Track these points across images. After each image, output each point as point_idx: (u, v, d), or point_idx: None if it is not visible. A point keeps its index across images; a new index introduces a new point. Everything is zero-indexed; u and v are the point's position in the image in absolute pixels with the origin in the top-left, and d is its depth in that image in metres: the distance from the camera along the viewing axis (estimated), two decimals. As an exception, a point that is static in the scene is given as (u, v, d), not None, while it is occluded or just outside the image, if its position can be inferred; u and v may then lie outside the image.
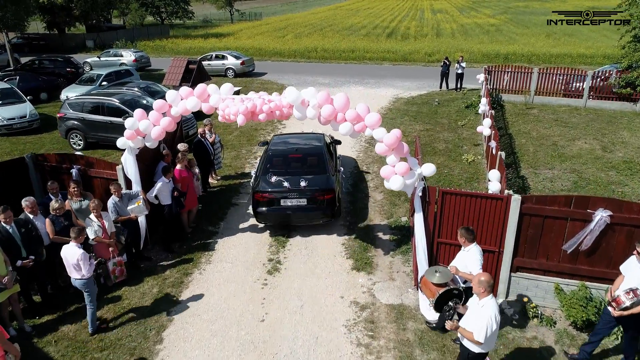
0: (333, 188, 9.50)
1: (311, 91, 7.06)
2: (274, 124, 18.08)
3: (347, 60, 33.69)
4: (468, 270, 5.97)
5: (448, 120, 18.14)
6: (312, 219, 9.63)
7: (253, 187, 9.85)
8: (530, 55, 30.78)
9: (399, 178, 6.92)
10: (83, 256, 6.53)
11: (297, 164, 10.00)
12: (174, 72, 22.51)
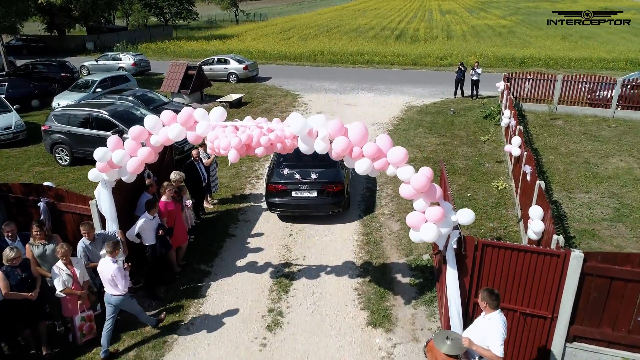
0: (342, 181, 10.06)
1: (320, 119, 5.71)
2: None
3: (355, 63, 32.32)
4: (486, 344, 4.82)
5: (466, 132, 16.73)
6: (321, 210, 10.15)
7: (266, 178, 10.57)
8: (548, 60, 29.29)
9: (432, 227, 5.54)
10: (117, 272, 6.22)
11: (309, 158, 9.86)
12: (173, 78, 21.27)
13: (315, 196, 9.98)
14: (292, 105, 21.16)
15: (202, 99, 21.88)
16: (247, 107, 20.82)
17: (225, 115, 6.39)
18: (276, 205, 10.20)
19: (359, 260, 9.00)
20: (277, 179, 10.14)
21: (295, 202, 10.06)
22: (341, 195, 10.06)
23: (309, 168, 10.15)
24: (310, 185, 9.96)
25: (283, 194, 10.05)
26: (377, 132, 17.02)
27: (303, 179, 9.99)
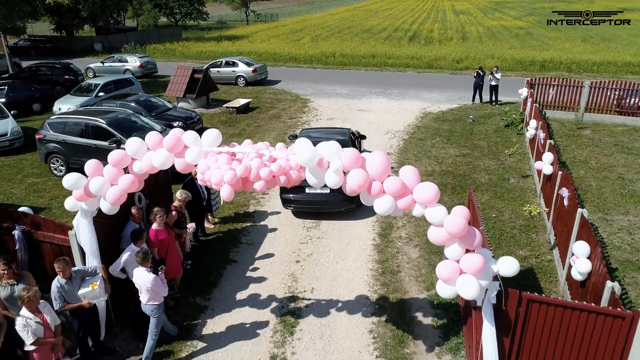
0: None
1: (332, 148, 4.74)
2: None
3: (368, 66, 31.29)
4: None
5: (487, 143, 15.65)
6: (334, 206, 10.33)
7: None
8: (570, 63, 28.00)
9: (472, 282, 4.50)
10: (154, 282, 6.09)
11: None
12: (178, 82, 20.44)
13: (329, 193, 10.09)
14: (301, 111, 20.22)
15: (208, 104, 21.03)
16: (254, 113, 19.91)
17: (220, 139, 5.44)
18: (290, 202, 10.40)
19: (374, 294, 8.02)
20: None
21: (309, 198, 10.23)
22: None
23: None
24: None
25: (297, 190, 10.12)
26: (391, 142, 16.02)
27: None
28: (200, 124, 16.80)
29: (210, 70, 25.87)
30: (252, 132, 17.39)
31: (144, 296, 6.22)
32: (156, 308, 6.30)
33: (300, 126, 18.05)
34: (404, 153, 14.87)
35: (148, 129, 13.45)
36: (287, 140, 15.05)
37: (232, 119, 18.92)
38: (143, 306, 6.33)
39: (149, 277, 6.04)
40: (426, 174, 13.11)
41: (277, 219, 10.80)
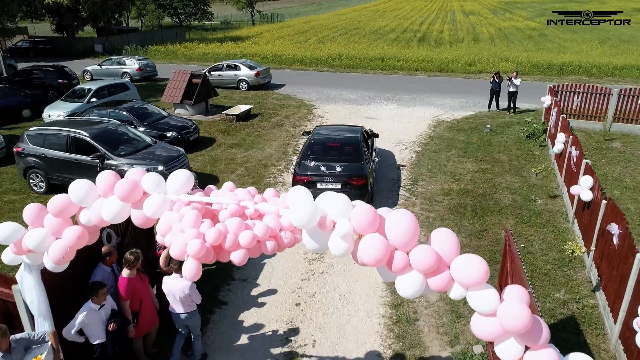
0: (366, 175, 10.43)
1: (339, 204, 3.48)
2: (309, 123, 14.59)
3: (376, 69, 30.00)
4: None
5: (508, 156, 14.33)
6: None
7: (293, 169, 10.95)
8: (589, 67, 26.55)
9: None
10: (192, 288, 5.90)
11: (335, 152, 11.04)
12: (175, 87, 19.27)
13: (339, 188, 10.13)
14: (306, 119, 18.98)
15: (207, 110, 19.84)
16: (255, 121, 18.69)
17: (191, 183, 4.17)
18: None
19: (387, 350, 6.75)
20: (303, 170, 10.60)
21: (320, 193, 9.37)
22: (364, 188, 10.35)
23: (335, 162, 10.60)
24: (334, 178, 10.37)
25: (309, 185, 10.17)
26: (403, 154, 14.74)
27: (328, 171, 10.44)
28: (197, 134, 15.61)
29: (212, 73, 24.75)
30: (252, 142, 16.17)
31: (178, 305, 5.94)
32: (193, 314, 6.11)
33: (305, 136, 16.81)
34: (417, 168, 13.58)
35: (137, 142, 12.30)
36: (301, 136, 15.57)
37: (232, 127, 17.72)
38: (177, 317, 6.04)
39: (185, 283, 5.76)
40: (443, 193, 11.82)
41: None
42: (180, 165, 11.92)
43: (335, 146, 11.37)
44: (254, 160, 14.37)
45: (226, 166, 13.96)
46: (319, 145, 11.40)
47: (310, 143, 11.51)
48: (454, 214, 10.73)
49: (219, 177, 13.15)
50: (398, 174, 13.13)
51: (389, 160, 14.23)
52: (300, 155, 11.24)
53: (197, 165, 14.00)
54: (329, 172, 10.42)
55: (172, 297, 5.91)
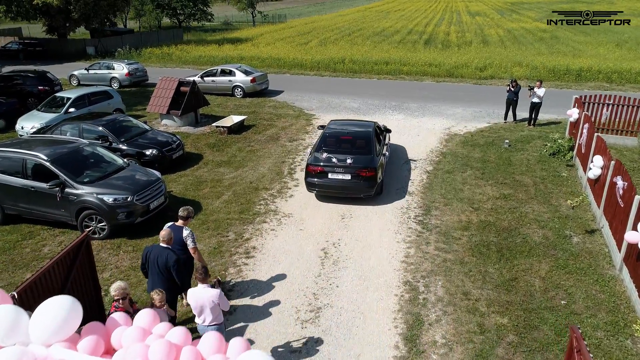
0: (375, 167, 10.88)
1: None
2: (303, 147, 12.88)
3: (380, 74, 28.27)
4: None
5: (532, 179, 12.61)
6: (354, 192, 11.01)
7: (307, 160, 11.44)
8: (610, 72, 24.75)
9: None
10: (221, 296, 5.72)
11: (347, 145, 11.60)
12: (161, 95, 17.61)
13: (349, 179, 10.88)
14: (304, 131, 17.29)
15: (196, 121, 18.17)
16: (249, 133, 17.01)
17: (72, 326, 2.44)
18: (314, 185, 11.15)
19: None
20: (316, 161, 11.14)
21: (331, 183, 11.01)
22: (373, 180, 10.87)
23: (346, 154, 11.16)
24: (345, 169, 10.89)
25: (320, 175, 11.01)
26: (413, 174, 13.03)
27: (339, 163, 10.95)
28: (181, 151, 13.94)
29: (205, 79, 23.12)
30: (243, 159, 14.49)
31: (207, 316, 5.77)
32: (221, 326, 5.94)
33: (302, 151, 15.13)
34: (429, 192, 11.87)
35: (106, 165, 10.65)
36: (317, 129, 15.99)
37: (222, 141, 16.04)
38: (204, 329, 5.76)
39: (214, 292, 5.68)
40: (461, 226, 10.11)
41: (265, 298, 7.89)
42: (155, 194, 10.25)
43: (348, 139, 11.91)
44: (244, 182, 12.69)
45: (212, 190, 12.28)
46: (332, 137, 11.98)
47: (324, 136, 12.12)
48: (475, 256, 9.02)
49: (202, 203, 11.47)
50: (408, 201, 11.43)
51: (397, 182, 12.53)
52: (314, 147, 11.85)
53: (179, 189, 12.33)
54: (340, 163, 10.93)
55: (199, 308, 5.73)
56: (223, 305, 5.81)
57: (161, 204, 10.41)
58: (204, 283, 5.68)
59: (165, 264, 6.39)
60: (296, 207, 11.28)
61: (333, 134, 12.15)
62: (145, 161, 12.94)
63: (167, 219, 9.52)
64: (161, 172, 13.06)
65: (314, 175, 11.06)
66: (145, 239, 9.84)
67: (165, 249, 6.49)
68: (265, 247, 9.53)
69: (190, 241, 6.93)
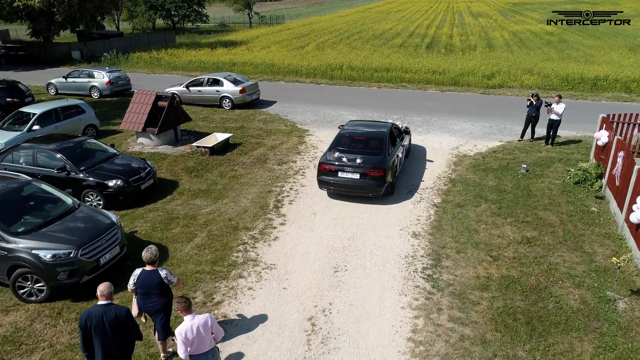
0: (384, 167, 11.14)
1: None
2: (293, 172, 11.07)
3: (381, 82, 26.45)
4: None
5: (557, 216, 10.81)
6: (362, 191, 11.33)
7: (320, 159, 11.77)
8: (629, 82, 22.92)
9: None
10: (212, 317, 5.71)
11: (360, 145, 11.89)
12: (137, 111, 15.83)
13: (358, 178, 11.14)
14: (295, 150, 15.49)
15: (176, 139, 16.37)
16: (234, 154, 15.21)
17: None
18: (326, 183, 11.47)
19: None
20: (327, 160, 11.45)
21: (341, 181, 11.27)
22: (381, 180, 11.07)
23: (357, 154, 11.38)
24: (354, 168, 11.12)
25: (331, 173, 11.32)
26: (417, 209, 11.23)
27: (349, 162, 11.19)
28: (152, 180, 12.12)
29: (191, 89, 21.33)
30: (224, 187, 12.68)
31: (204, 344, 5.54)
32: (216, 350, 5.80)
33: (292, 177, 13.34)
34: (439, 235, 10.07)
35: (48, 209, 8.85)
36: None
37: (203, 165, 14.24)
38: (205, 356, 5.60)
39: (206, 316, 5.61)
40: (479, 285, 8.31)
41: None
42: (108, 245, 8.44)
43: (361, 139, 12.09)
44: (222, 220, 10.88)
45: (183, 229, 10.47)
46: (347, 137, 12.24)
47: (339, 136, 12.39)
48: (500, 330, 7.22)
49: (170, 249, 9.67)
50: (414, 246, 9.63)
51: (401, 218, 10.73)
52: (329, 146, 12.08)
53: (145, 228, 10.53)
54: (350, 162, 11.19)
55: (199, 338, 5.51)
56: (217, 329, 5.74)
57: (116, 256, 8.60)
58: (187, 314, 5.50)
59: (116, 321, 5.49)
60: (281, 254, 9.48)
61: (347, 134, 12.39)
62: (108, 194, 11.16)
63: (127, 270, 7.86)
64: (127, 206, 11.33)
65: (326, 173, 11.38)
66: (95, 300, 8.03)
67: (107, 305, 5.56)
68: (240, 314, 7.73)
69: (172, 277, 6.43)
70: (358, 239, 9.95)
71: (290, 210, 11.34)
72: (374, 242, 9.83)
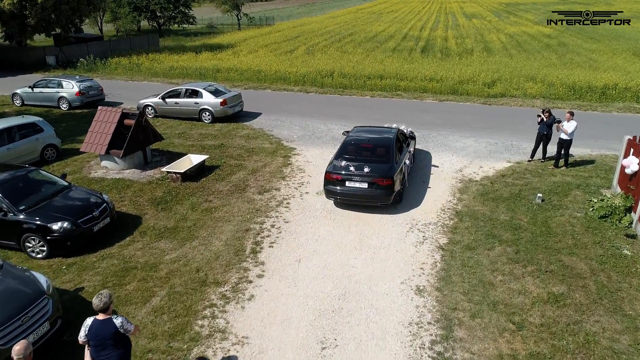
0: (392, 176, 10.82)
1: None
2: (275, 203, 9.30)
3: (374, 90, 24.75)
4: None
5: (586, 262, 9.14)
6: (370, 201, 10.99)
7: (327, 168, 11.38)
8: (639, 90, 21.41)
9: None
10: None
11: (367, 153, 11.64)
12: (99, 130, 14.00)
13: (366, 187, 10.85)
14: (279, 175, 13.74)
15: (145, 162, 14.55)
16: (209, 179, 13.42)
17: None
18: (333, 193, 11.15)
19: None
20: (334, 169, 11.17)
21: (348, 191, 10.95)
22: (390, 189, 10.79)
23: (364, 162, 11.16)
24: (362, 177, 10.86)
25: (338, 183, 11.02)
26: (419, 253, 9.52)
27: (356, 171, 10.93)
28: (108, 218, 10.30)
29: (167, 101, 19.50)
30: (195, 224, 10.90)
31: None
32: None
33: (275, 210, 11.59)
34: (448, 290, 8.36)
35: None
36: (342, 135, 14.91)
37: (172, 194, 12.44)
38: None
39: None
40: (502, 368, 6.60)
41: None
42: (31, 323, 6.63)
43: (368, 147, 11.82)
44: (188, 270, 9.10)
45: (140, 285, 8.67)
46: (352, 145, 11.91)
47: (345, 143, 12.06)
48: None
49: (121, 311, 7.87)
50: (418, 308, 7.91)
51: (402, 267, 9.02)
52: (335, 154, 11.77)
53: (94, 283, 8.72)
54: (358, 171, 10.90)
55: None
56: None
57: (45, 335, 6.79)
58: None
59: None
60: (256, 321, 7.72)
61: (353, 142, 12.06)
62: (53, 239, 9.34)
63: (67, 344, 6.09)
64: (76, 252, 9.53)
65: (332, 182, 11.08)
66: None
67: None
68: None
69: (129, 325, 5.57)
70: (351, 298, 8.22)
71: (271, 256, 9.58)
72: (371, 302, 8.11)
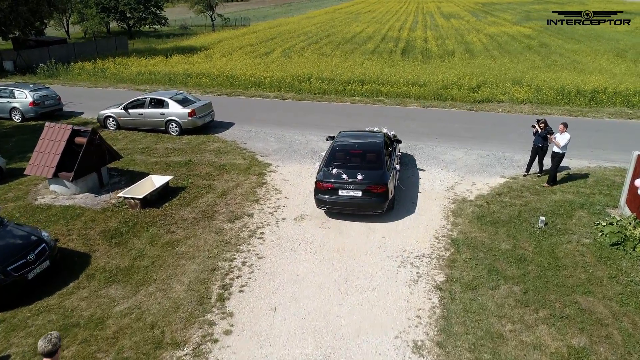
0: (386, 183, 10.43)
1: None
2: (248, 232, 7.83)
3: (354, 96, 23.45)
4: None
5: (604, 303, 7.97)
6: (365, 209, 10.55)
7: (316, 176, 10.88)
8: (630, 95, 20.59)
9: None
10: None
11: (357, 159, 11.19)
12: (47, 150, 12.32)
13: (360, 196, 10.41)
14: (253, 196, 12.28)
15: (101, 184, 12.90)
16: (172, 205, 11.87)
17: None
18: (324, 202, 10.63)
19: None
20: (325, 177, 10.63)
21: (342, 200, 10.49)
22: (384, 196, 10.42)
23: (356, 169, 10.69)
24: (355, 185, 10.39)
25: (331, 192, 10.51)
26: (415, 294, 8.20)
27: (350, 179, 10.46)
28: (47, 261, 8.70)
29: (130, 111, 17.83)
30: (153, 262, 9.37)
31: None
32: None
33: (247, 241, 10.13)
34: (450, 346, 7.05)
35: None
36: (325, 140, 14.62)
37: (129, 225, 10.86)
38: None
39: None
40: None
41: None
42: None
43: (358, 153, 11.36)
44: (140, 327, 7.58)
45: (82, 349, 7.13)
46: (342, 152, 11.40)
47: (334, 149, 11.50)
48: None
49: None
50: (417, 375, 6.58)
51: (395, 315, 7.68)
52: (324, 161, 11.24)
53: (24, 349, 7.14)
54: (351, 179, 10.46)
55: None
56: None
57: None
58: None
59: None
60: (221, 398, 6.28)
61: (342, 148, 11.57)
62: (-25, 291, 7.71)
63: None
64: (5, 307, 7.92)
65: (324, 192, 10.58)
66: None
67: None
68: None
69: None
70: (336, 362, 6.84)
71: (241, 304, 8.13)
72: None
